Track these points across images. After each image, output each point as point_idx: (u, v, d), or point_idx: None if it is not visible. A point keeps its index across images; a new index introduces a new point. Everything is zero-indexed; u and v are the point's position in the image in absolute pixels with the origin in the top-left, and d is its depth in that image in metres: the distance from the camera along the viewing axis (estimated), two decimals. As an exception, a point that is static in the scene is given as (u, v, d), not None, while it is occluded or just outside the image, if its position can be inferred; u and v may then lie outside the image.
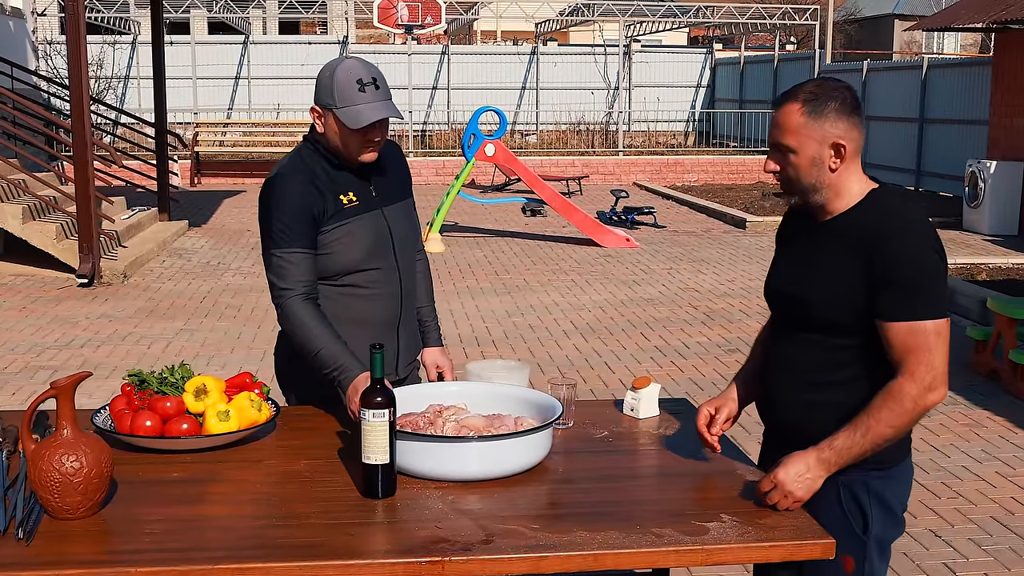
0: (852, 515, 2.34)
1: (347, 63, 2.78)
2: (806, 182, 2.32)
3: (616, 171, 19.39)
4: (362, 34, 32.39)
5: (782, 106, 2.31)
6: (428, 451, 2.33)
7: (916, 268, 2.22)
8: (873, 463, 2.32)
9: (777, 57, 21.58)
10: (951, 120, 15.12)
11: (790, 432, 2.43)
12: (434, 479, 2.34)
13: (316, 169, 2.83)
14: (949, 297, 8.70)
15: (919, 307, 2.21)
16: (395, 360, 2.98)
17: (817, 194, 2.33)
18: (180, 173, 17.45)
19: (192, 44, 21.45)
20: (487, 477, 2.35)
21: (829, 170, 2.30)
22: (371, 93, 2.75)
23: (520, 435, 2.36)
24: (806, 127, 2.27)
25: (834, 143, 2.28)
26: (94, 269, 9.36)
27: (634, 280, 9.91)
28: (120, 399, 2.63)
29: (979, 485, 4.94)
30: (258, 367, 6.78)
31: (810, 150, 2.28)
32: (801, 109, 2.27)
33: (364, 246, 2.85)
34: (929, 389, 2.22)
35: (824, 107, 2.27)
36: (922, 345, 2.21)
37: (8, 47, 15.61)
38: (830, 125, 2.27)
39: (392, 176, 2.99)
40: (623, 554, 2.04)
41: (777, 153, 2.33)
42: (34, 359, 6.92)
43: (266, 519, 2.17)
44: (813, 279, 2.34)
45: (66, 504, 2.13)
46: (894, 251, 2.23)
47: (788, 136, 2.29)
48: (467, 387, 2.71)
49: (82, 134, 9.32)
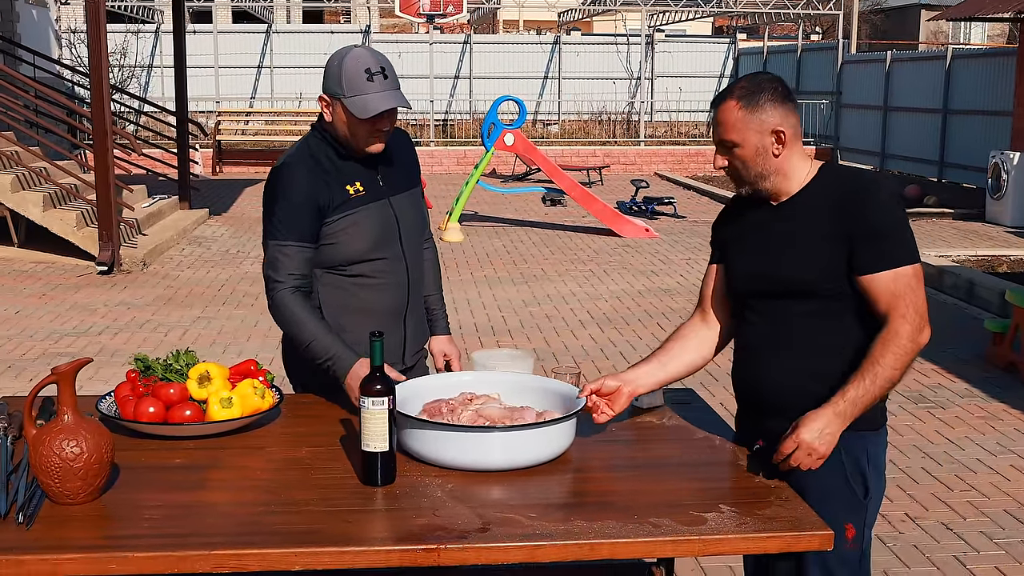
0: (854, 481, 2.41)
1: (355, 52, 2.77)
2: (754, 171, 2.43)
3: (637, 161, 19.33)
4: (385, 23, 32.41)
5: (719, 105, 2.43)
6: (440, 439, 2.32)
7: (888, 219, 2.35)
8: (867, 424, 2.41)
9: (800, 47, 21.43)
10: (975, 111, 14.96)
11: (770, 401, 2.47)
12: (444, 467, 2.33)
13: (322, 158, 2.83)
14: (968, 288, 8.63)
15: (898, 254, 2.35)
16: (402, 349, 2.99)
17: (766, 180, 2.44)
18: (202, 162, 17.55)
19: (215, 33, 21.53)
20: (489, 468, 2.32)
21: (773, 156, 2.41)
22: (379, 82, 2.73)
23: (534, 426, 2.33)
24: (744, 120, 2.39)
25: (774, 130, 2.39)
26: (114, 257, 9.43)
27: (652, 270, 9.89)
28: (125, 385, 2.65)
29: (993, 478, 4.90)
30: (273, 355, 6.81)
31: (752, 141, 2.40)
32: (737, 105, 2.39)
33: (370, 236, 2.85)
34: (920, 329, 2.35)
35: (758, 99, 2.38)
36: (907, 288, 2.34)
37: (31, 35, 15.73)
38: (767, 115, 2.38)
39: (399, 165, 2.98)
40: (619, 543, 2.04)
41: (723, 149, 2.45)
42: (52, 346, 6.98)
43: (265, 505, 2.18)
44: (793, 254, 2.42)
45: (66, 489, 2.14)
46: (865, 207, 2.35)
47: (730, 132, 2.40)
48: (504, 377, 2.68)
49: (102, 122, 9.37)
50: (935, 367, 6.70)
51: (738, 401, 2.60)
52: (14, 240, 10.31)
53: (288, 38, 22.37)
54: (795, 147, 2.43)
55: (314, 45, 21.89)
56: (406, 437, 2.38)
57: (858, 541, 2.39)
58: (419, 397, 2.53)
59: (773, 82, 2.42)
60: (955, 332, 7.63)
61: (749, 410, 2.58)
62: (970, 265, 9.62)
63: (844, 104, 18.93)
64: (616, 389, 2.55)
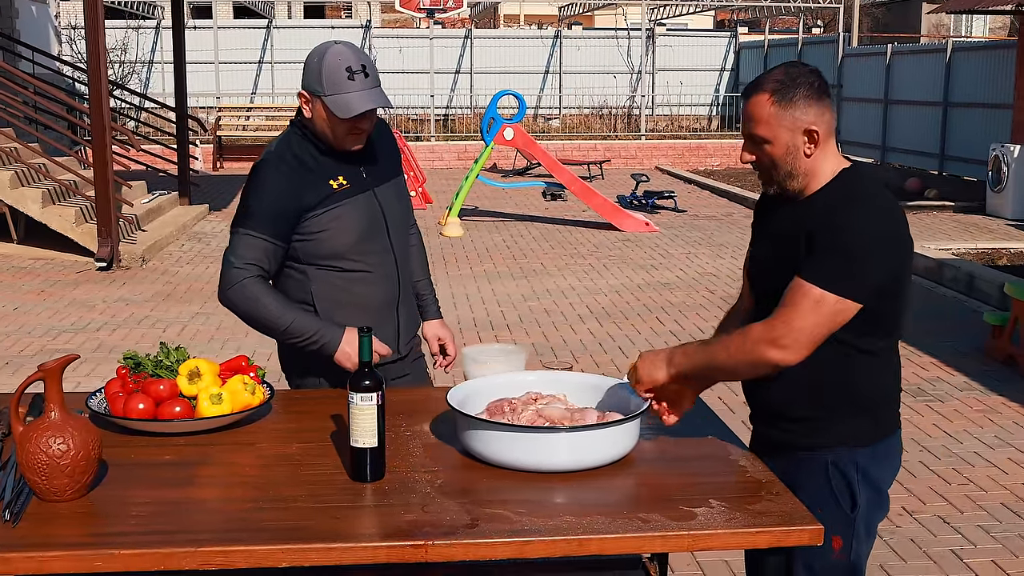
0: (840, 493, 2.35)
1: (336, 48, 2.74)
2: (783, 170, 2.32)
3: (638, 155, 19.31)
4: (387, 18, 32.38)
5: (751, 97, 2.30)
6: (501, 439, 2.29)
7: (844, 240, 2.19)
8: (853, 439, 2.35)
9: (801, 40, 21.38)
10: (975, 104, 14.92)
11: (772, 409, 2.44)
12: (508, 467, 2.30)
13: (305, 155, 2.82)
14: (968, 281, 8.58)
15: (821, 273, 2.19)
16: (396, 339, 3.01)
17: (794, 180, 2.33)
18: (202, 157, 17.54)
19: (215, 28, 21.50)
20: (553, 469, 2.27)
21: (804, 156, 2.29)
22: (360, 81, 2.71)
23: (600, 427, 2.30)
24: (777, 117, 2.26)
25: (807, 129, 2.27)
26: (112, 253, 9.42)
27: (652, 264, 9.87)
28: (115, 382, 2.64)
29: (991, 471, 4.89)
30: (271, 351, 6.79)
31: (784, 139, 2.28)
32: (770, 99, 2.26)
33: (356, 229, 2.85)
34: (773, 343, 2.20)
35: (793, 95, 2.25)
36: (797, 303, 2.20)
37: (31, 32, 15.71)
38: (801, 112, 2.26)
39: (381, 156, 2.97)
40: (608, 539, 2.03)
41: (752, 143, 2.33)
42: (50, 342, 6.98)
43: (253, 502, 2.17)
44: (788, 257, 2.33)
45: (53, 486, 2.13)
46: (831, 220, 2.23)
47: (760, 127, 2.28)
48: (570, 377, 2.64)
49: (100, 118, 9.36)
50: (934, 360, 6.69)
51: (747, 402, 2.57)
52: (13, 236, 10.31)
53: (289, 33, 22.34)
54: (828, 147, 2.30)
55: (315, 40, 21.31)
56: (466, 437, 2.35)
57: (845, 552, 2.34)
58: (482, 396, 2.49)
59: (810, 76, 2.28)
60: (954, 325, 7.61)
61: (755, 413, 2.55)
62: (970, 258, 9.60)
63: (845, 97, 18.88)
64: (681, 388, 2.50)
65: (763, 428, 2.47)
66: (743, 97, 2.34)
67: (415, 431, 2.57)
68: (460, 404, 2.37)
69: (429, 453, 2.43)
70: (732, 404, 5.70)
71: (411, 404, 2.78)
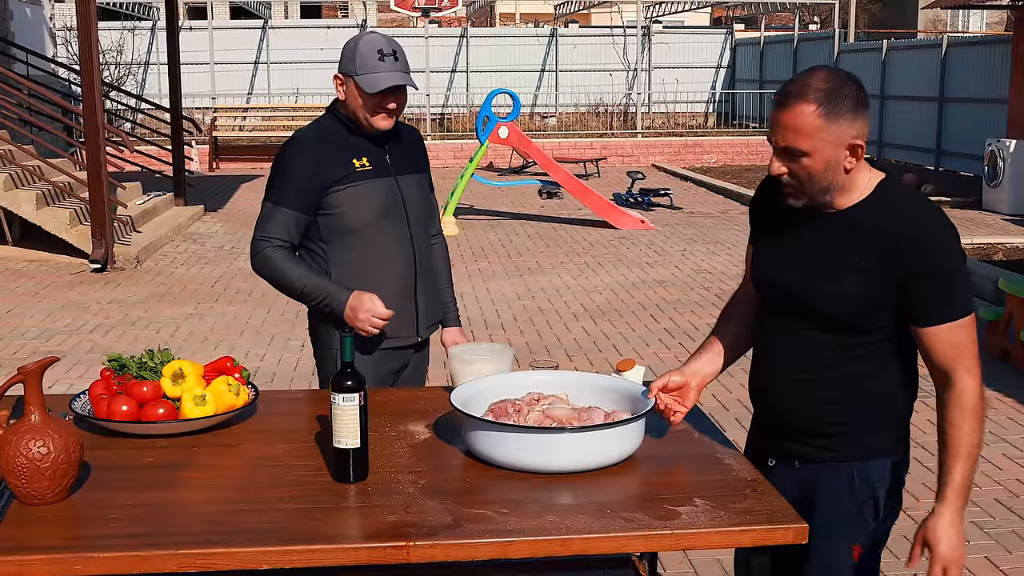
0: (864, 503, 2.31)
1: (371, 36, 3.02)
2: (819, 184, 2.17)
3: (635, 153, 19.29)
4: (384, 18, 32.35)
5: (793, 106, 2.11)
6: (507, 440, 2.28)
7: (951, 264, 2.15)
8: (882, 450, 2.31)
9: (797, 37, 21.37)
10: (971, 99, 14.91)
11: (782, 423, 2.38)
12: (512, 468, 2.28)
13: (334, 135, 3.03)
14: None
15: (961, 304, 2.17)
16: (415, 323, 3.15)
17: (828, 195, 2.20)
18: (198, 158, 17.52)
19: (210, 29, 21.47)
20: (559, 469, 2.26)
21: (844, 171, 2.17)
22: (390, 63, 2.96)
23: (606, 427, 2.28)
24: (823, 131, 2.10)
25: (851, 144, 2.14)
26: (107, 254, 9.40)
27: (647, 262, 9.86)
28: (99, 384, 2.63)
29: (984, 467, 4.87)
30: (265, 351, 6.81)
31: (826, 153, 2.13)
32: (817, 111, 2.10)
33: (373, 207, 3.02)
34: (978, 382, 2.19)
35: (839, 107, 2.10)
36: (968, 339, 2.18)
37: (25, 34, 15.69)
38: (847, 126, 2.11)
39: (408, 151, 3.16)
40: (590, 539, 2.02)
41: (786, 156, 2.16)
42: (43, 344, 6.96)
43: (235, 504, 2.16)
44: (819, 272, 2.23)
45: (34, 489, 2.12)
46: (927, 249, 2.14)
47: (802, 140, 2.11)
48: (571, 377, 2.63)
49: (93, 120, 9.35)
50: (929, 356, 6.67)
51: (754, 411, 2.52)
52: (8, 238, 10.29)
53: (285, 33, 22.32)
54: (863, 160, 2.20)
55: (311, 40, 21.84)
56: (472, 439, 2.34)
57: (864, 561, 2.32)
58: (484, 397, 2.48)
59: (854, 85, 2.12)
60: (950, 321, 7.59)
61: (763, 425, 2.49)
62: (966, 253, 9.57)
63: (841, 93, 18.86)
64: (683, 384, 2.46)
65: (791, 446, 2.37)
66: (778, 104, 2.14)
67: (400, 431, 2.56)
68: (463, 405, 2.36)
69: (414, 454, 2.42)
70: (726, 402, 5.69)
71: (397, 404, 2.77)
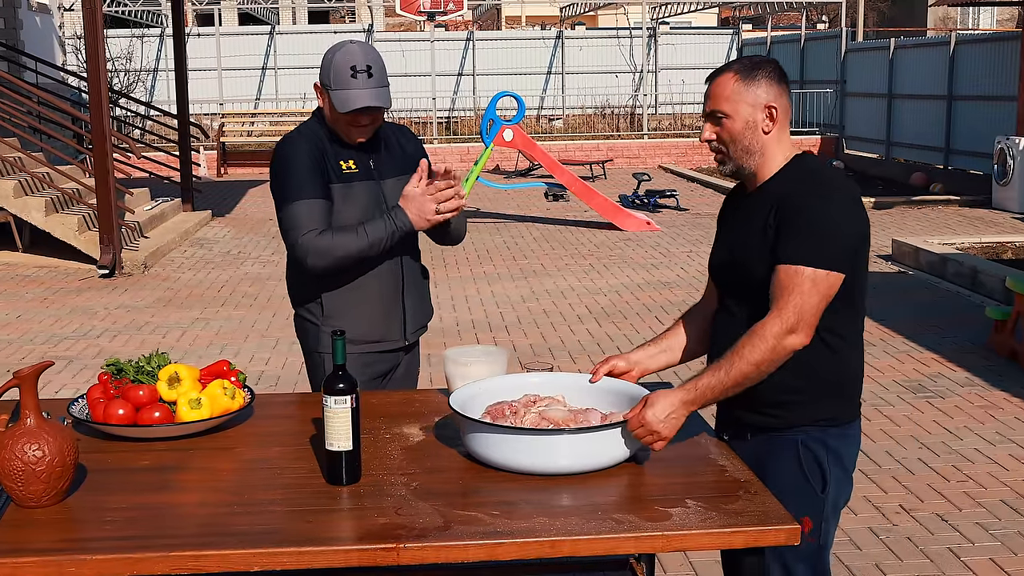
0: (812, 475, 2.40)
1: (349, 48, 2.92)
2: (740, 145, 2.41)
3: (641, 154, 19.28)
4: (391, 22, 32.42)
5: (717, 78, 2.44)
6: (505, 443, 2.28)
7: (812, 218, 2.30)
8: (828, 419, 2.41)
9: (804, 36, 21.33)
10: (980, 97, 14.85)
11: (743, 397, 2.42)
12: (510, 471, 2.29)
13: (320, 139, 3.01)
14: (971, 275, 8.51)
15: (805, 253, 2.29)
16: (402, 327, 3.13)
17: (752, 158, 2.43)
18: (206, 164, 17.58)
19: (217, 36, 21.54)
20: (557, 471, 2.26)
21: (763, 132, 2.41)
22: (362, 80, 2.88)
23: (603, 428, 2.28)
24: (740, 92, 2.40)
25: (767, 105, 2.40)
26: (115, 260, 9.45)
27: (652, 264, 9.85)
28: (97, 388, 2.65)
29: (991, 468, 4.86)
30: (270, 355, 6.82)
31: (744, 113, 2.39)
32: (735, 76, 2.41)
33: (359, 209, 3.00)
34: (791, 331, 2.28)
35: (756, 73, 2.40)
36: (795, 287, 2.28)
37: (35, 42, 15.79)
38: (762, 90, 2.39)
39: (396, 154, 3.12)
40: (581, 540, 2.02)
41: (713, 120, 2.44)
42: (51, 350, 7.00)
43: (228, 506, 2.17)
44: (747, 244, 2.43)
45: (30, 492, 2.14)
46: (798, 203, 2.33)
47: (723, 103, 2.40)
48: (567, 379, 2.63)
49: (100, 127, 9.39)
50: (935, 356, 6.65)
51: None
52: (18, 245, 10.34)
53: (291, 39, 22.36)
54: (783, 131, 2.43)
55: (318, 45, 21.77)
56: (471, 441, 2.34)
57: (815, 534, 2.38)
58: (480, 399, 2.48)
59: (772, 63, 2.44)
60: (957, 320, 7.58)
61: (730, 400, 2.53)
62: (975, 252, 9.54)
63: (848, 92, 18.83)
64: (627, 371, 2.60)
65: (739, 412, 2.48)
66: (707, 82, 2.48)
67: (394, 434, 2.57)
68: (461, 408, 2.36)
69: (407, 456, 2.43)
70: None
71: (391, 407, 2.78)
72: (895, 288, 8.73)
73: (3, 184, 9.99)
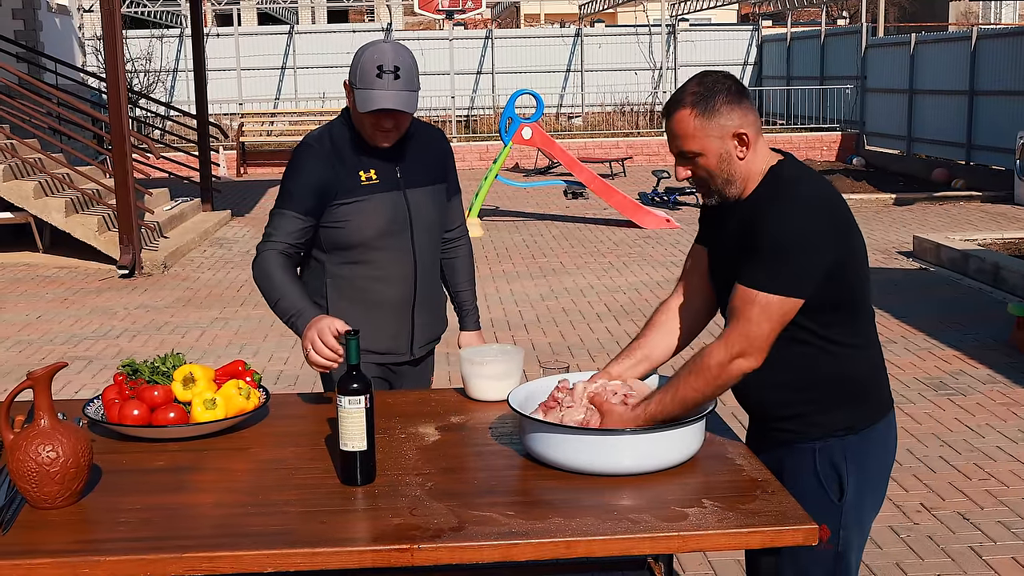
0: (828, 481, 2.35)
1: (380, 47, 2.82)
2: (720, 179, 2.31)
3: (661, 152, 19.20)
4: (410, 21, 32.45)
5: (673, 115, 2.29)
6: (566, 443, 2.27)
7: (770, 239, 2.21)
8: (845, 429, 2.35)
9: (824, 32, 21.20)
10: (1002, 92, 14.70)
11: (748, 411, 2.47)
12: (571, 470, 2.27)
13: (343, 143, 2.91)
14: (994, 272, 8.41)
15: (758, 276, 2.22)
16: (409, 341, 3.04)
17: (732, 187, 2.33)
18: (226, 163, 17.64)
19: (236, 36, 21.63)
20: (619, 472, 2.25)
21: (738, 160, 2.29)
22: (387, 81, 2.77)
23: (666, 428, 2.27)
24: (703, 128, 2.26)
25: (735, 134, 2.27)
26: (135, 260, 9.49)
27: (672, 261, 9.81)
28: (112, 388, 2.65)
29: (1013, 466, 4.80)
30: (288, 354, 6.83)
31: (715, 148, 2.27)
32: (693, 112, 2.26)
33: (376, 224, 2.89)
34: (737, 356, 2.24)
35: (713, 103, 2.25)
36: (744, 313, 2.23)
37: (54, 44, 15.89)
38: (724, 119, 2.26)
39: (424, 161, 3.00)
40: (596, 541, 2.00)
41: (684, 160, 2.32)
42: (71, 350, 7.04)
43: (242, 507, 2.17)
44: (735, 262, 2.32)
45: (44, 493, 2.14)
46: (760, 224, 2.24)
47: (689, 142, 2.27)
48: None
49: (120, 127, 9.43)
50: (957, 353, 6.59)
51: None
52: (39, 246, 10.41)
53: (310, 38, 22.43)
54: (759, 147, 2.31)
55: (336, 45, 21.93)
56: (529, 440, 2.34)
57: (833, 542, 2.32)
58: (535, 399, 2.46)
59: (725, 80, 2.29)
60: (979, 317, 7.51)
61: (750, 416, 2.56)
62: (997, 248, 9.45)
63: (869, 88, 18.70)
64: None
65: (756, 426, 2.49)
66: (664, 116, 2.34)
67: (409, 433, 2.56)
68: (520, 406, 2.36)
69: (422, 456, 2.42)
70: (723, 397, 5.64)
71: (406, 406, 2.77)
72: (916, 285, 8.66)
73: (23, 185, 10.05)
